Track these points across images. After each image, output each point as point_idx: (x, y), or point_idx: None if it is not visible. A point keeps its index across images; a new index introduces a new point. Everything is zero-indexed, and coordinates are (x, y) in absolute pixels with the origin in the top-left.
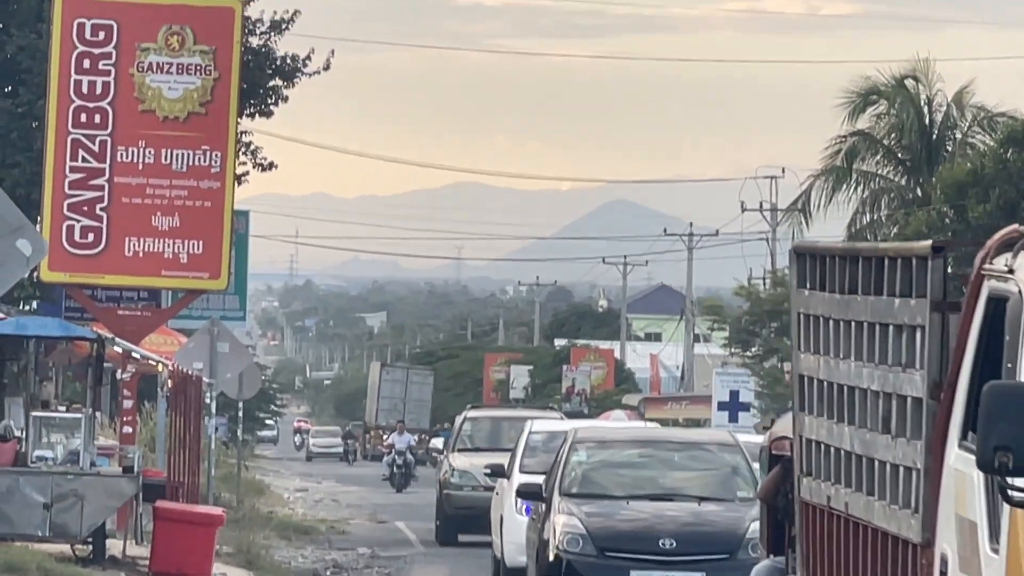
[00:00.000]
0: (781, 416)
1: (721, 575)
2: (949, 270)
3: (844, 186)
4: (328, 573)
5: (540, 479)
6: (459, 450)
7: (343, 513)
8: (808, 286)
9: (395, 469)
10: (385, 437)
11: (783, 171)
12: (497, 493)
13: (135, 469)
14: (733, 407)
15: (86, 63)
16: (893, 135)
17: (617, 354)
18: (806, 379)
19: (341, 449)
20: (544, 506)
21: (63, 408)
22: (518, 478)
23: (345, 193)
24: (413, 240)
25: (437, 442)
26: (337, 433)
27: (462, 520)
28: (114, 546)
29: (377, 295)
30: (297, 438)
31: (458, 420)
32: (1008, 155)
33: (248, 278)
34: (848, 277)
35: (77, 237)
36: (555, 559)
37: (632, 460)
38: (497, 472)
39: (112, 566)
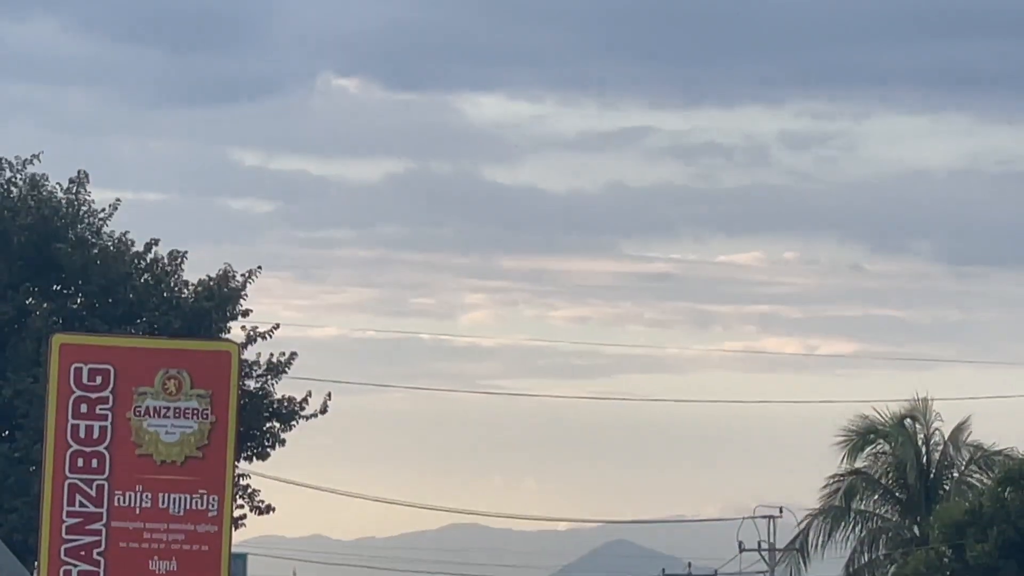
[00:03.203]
0: None
1: None
2: None
3: (842, 525)
4: None
5: None
6: None
7: None
8: None
9: None
10: None
11: (780, 510)
12: None
13: None
14: None
15: (83, 407)
16: (891, 474)
17: None
18: None
19: None
20: None
21: None
22: None
23: (343, 535)
24: None
25: None
26: None
27: None
28: None
29: None
30: None
31: None
32: (1006, 494)
33: None
34: None
35: None
36: None
37: None
38: None
39: None
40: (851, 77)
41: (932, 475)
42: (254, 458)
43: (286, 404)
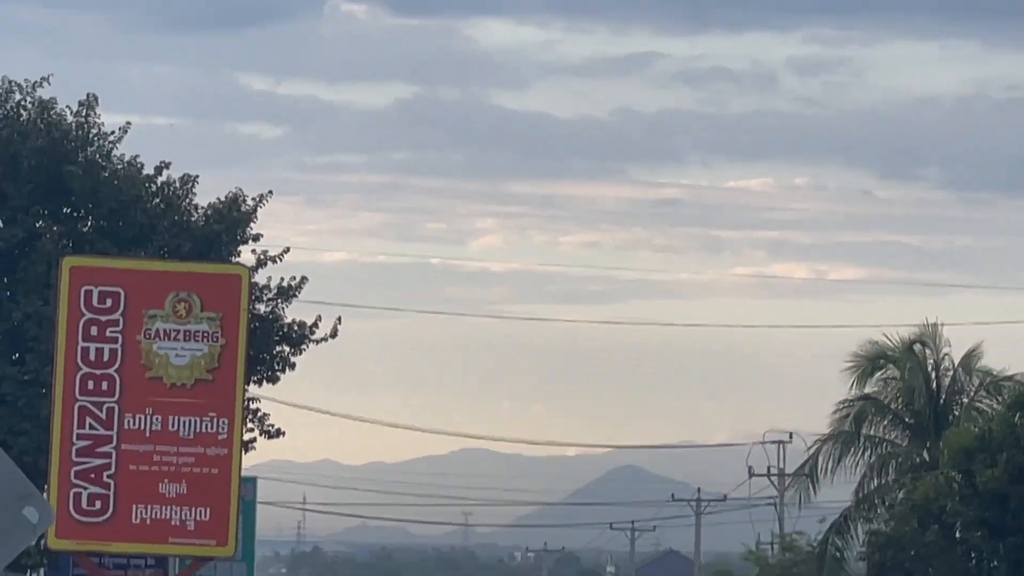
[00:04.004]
0: None
1: None
2: None
3: (851, 450)
4: None
5: None
6: None
7: None
8: None
9: None
10: None
11: (790, 436)
12: None
13: None
14: None
15: (93, 330)
16: (901, 399)
17: None
18: None
19: None
20: None
21: None
22: None
23: (352, 460)
24: (421, 507)
25: None
26: None
27: None
28: None
29: (385, 562)
30: None
31: None
32: (1016, 419)
33: (256, 545)
34: None
35: (84, 505)
36: None
37: None
38: None
39: None
40: (860, 3)
41: (942, 401)
42: (264, 382)
43: (296, 328)
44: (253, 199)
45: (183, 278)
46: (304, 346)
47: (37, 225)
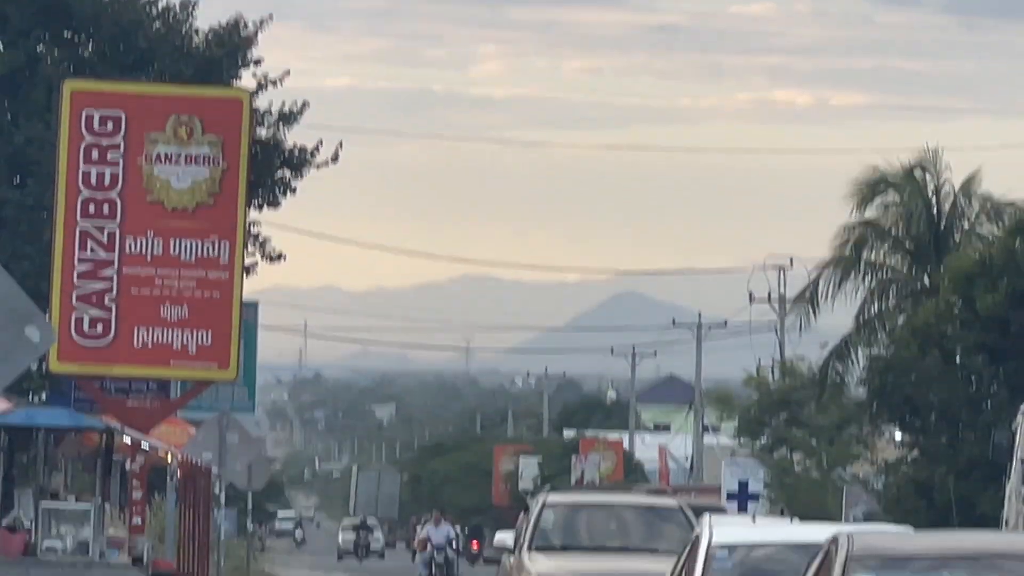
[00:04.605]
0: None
1: None
2: None
3: (852, 276)
4: None
5: None
6: (539, 548)
7: None
8: None
9: (434, 570)
10: (419, 529)
11: (791, 261)
12: None
13: (144, 560)
14: (742, 497)
15: (94, 154)
16: (901, 224)
17: (626, 445)
18: None
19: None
20: None
21: (72, 499)
22: None
23: (354, 286)
24: (422, 332)
25: (504, 536)
26: (364, 526)
27: None
28: None
29: (386, 387)
30: (298, 532)
31: (534, 508)
32: (1016, 244)
33: (257, 370)
34: None
35: (86, 328)
36: None
37: None
38: None
39: None
40: None
41: (942, 226)
42: (265, 206)
43: (297, 153)
44: (254, 23)
45: (184, 101)
46: (305, 171)
47: (38, 49)
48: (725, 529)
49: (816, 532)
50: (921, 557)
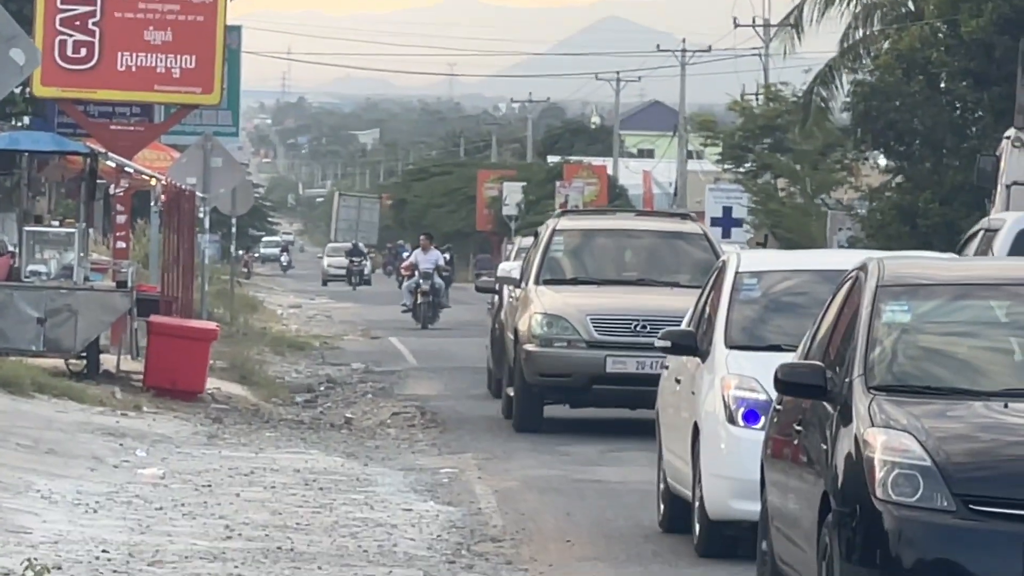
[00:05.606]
0: None
1: None
2: None
3: (837, 0)
4: (322, 387)
5: (759, 364)
6: (546, 282)
7: (336, 329)
8: None
9: (419, 298)
10: (405, 255)
11: None
12: (677, 379)
13: (129, 284)
14: (726, 223)
15: None
16: None
17: (610, 170)
18: None
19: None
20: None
21: (56, 223)
22: (724, 358)
23: (338, 10)
24: (406, 57)
25: (507, 266)
26: (356, 252)
27: (550, 393)
28: (108, 361)
29: (370, 112)
30: (283, 257)
31: (543, 233)
32: None
33: (241, 95)
34: None
35: (69, 52)
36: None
37: None
38: (680, 342)
39: (106, 381)
40: None
41: None
42: None
43: None
44: None
45: None
46: None
47: None
48: (752, 256)
49: (846, 259)
50: (958, 284)
